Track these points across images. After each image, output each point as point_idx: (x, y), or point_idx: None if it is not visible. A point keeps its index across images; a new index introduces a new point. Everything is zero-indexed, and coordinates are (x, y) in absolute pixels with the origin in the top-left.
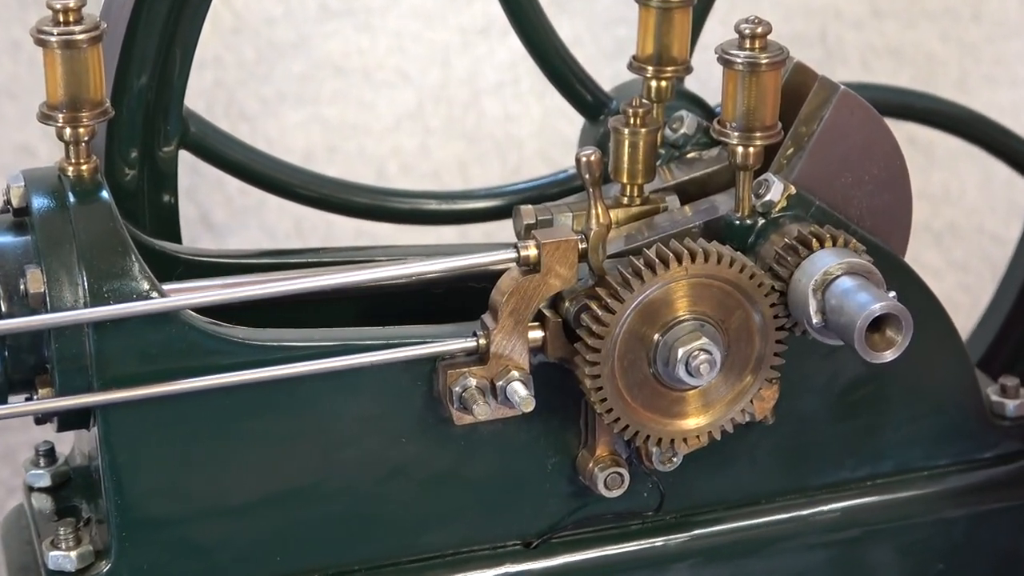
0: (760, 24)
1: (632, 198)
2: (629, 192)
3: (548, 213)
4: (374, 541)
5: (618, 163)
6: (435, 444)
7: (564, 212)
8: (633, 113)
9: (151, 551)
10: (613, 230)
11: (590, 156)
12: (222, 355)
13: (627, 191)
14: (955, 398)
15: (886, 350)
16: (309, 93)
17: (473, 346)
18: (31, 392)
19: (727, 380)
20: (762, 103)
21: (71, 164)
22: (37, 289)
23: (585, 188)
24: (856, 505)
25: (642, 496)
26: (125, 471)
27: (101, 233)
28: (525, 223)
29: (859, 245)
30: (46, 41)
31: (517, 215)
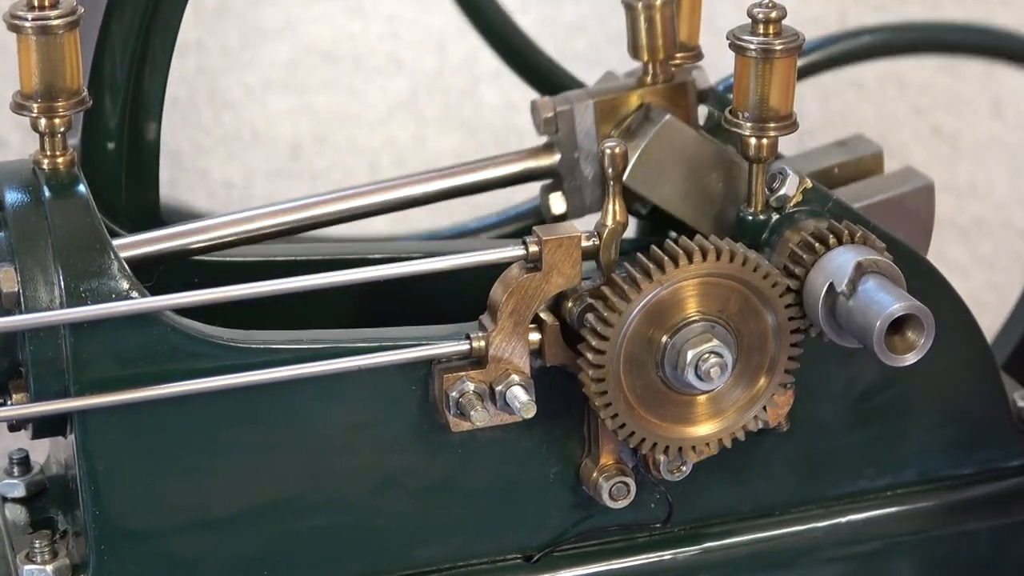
0: (774, 8)
1: (656, 77)
2: (652, 71)
3: (568, 103)
4: (366, 555)
5: (636, 41)
6: (430, 452)
7: (584, 101)
8: None
9: (131, 565)
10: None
11: (615, 149)
12: (206, 358)
13: (651, 70)
14: (980, 404)
15: (907, 353)
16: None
17: (471, 348)
18: (4, 397)
19: (739, 385)
20: (776, 92)
21: (46, 156)
22: (11, 288)
23: (606, 182)
24: (876, 516)
25: (649, 507)
26: (104, 481)
27: (78, 229)
28: (543, 117)
29: (879, 242)
30: (20, 27)
31: (535, 109)
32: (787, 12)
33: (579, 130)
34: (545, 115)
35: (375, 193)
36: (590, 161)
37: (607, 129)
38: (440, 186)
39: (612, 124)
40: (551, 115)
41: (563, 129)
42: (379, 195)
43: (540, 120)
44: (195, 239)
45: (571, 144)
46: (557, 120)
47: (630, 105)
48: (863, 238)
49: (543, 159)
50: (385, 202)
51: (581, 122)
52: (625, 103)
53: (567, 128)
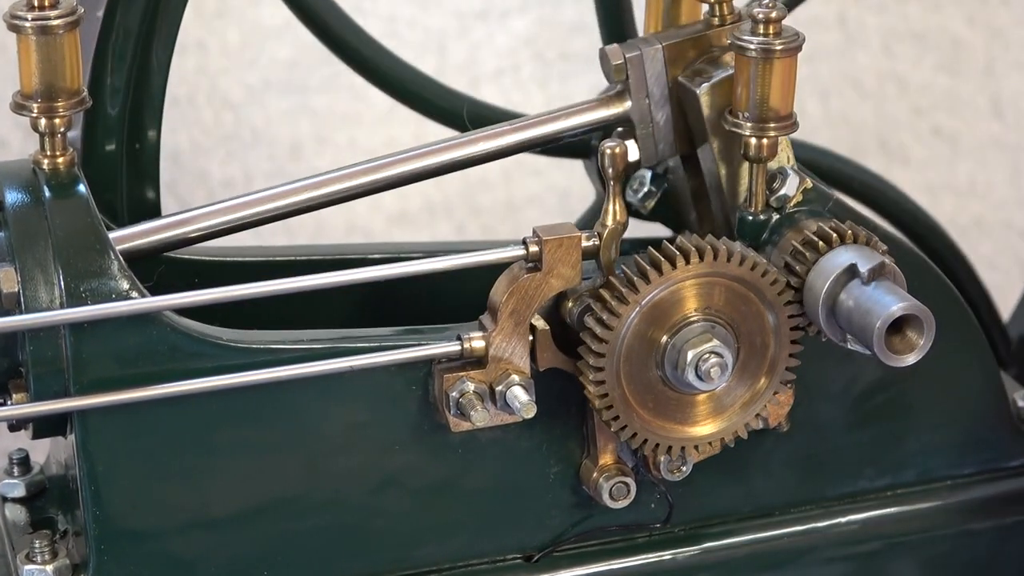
0: (774, 8)
1: (723, 17)
2: (719, 12)
3: (637, 49)
4: (366, 555)
5: None
6: (430, 452)
7: (654, 46)
8: None
9: (131, 565)
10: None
11: (615, 148)
12: (206, 358)
13: (716, 11)
14: (980, 404)
15: (907, 353)
16: (297, 80)
17: (471, 349)
18: (4, 397)
19: (739, 384)
20: (776, 91)
21: (46, 156)
22: (11, 289)
23: (606, 182)
24: (876, 517)
25: (649, 507)
26: (104, 480)
27: (78, 229)
28: (613, 64)
29: (880, 242)
30: (20, 27)
31: (604, 58)
32: (787, 12)
33: (649, 75)
34: (615, 62)
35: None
36: (662, 106)
37: (676, 72)
38: (514, 139)
39: (681, 67)
40: (621, 62)
41: (633, 76)
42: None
43: (610, 67)
44: (193, 227)
45: (642, 90)
46: (627, 66)
47: (698, 48)
48: (864, 238)
49: (615, 106)
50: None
51: (651, 67)
52: (693, 46)
53: (637, 74)
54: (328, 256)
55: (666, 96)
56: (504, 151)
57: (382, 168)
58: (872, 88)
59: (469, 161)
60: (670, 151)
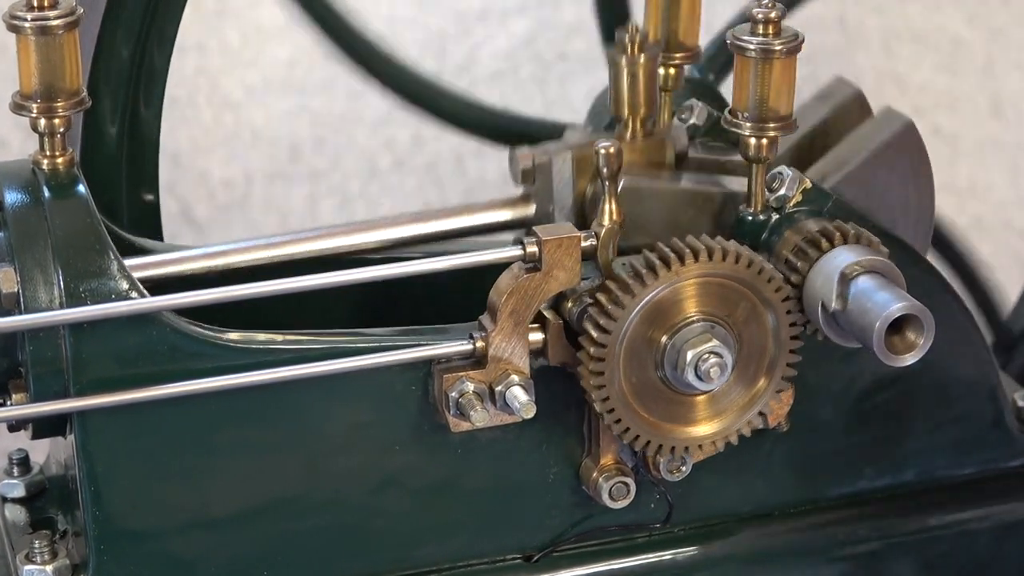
0: (774, 8)
1: (635, 133)
2: (632, 127)
3: (546, 155)
4: (366, 555)
5: (618, 96)
6: (430, 452)
7: (563, 153)
8: (630, 41)
9: (131, 565)
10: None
11: (609, 148)
12: (206, 358)
13: (630, 126)
14: (980, 404)
15: (907, 353)
16: (296, 81)
17: (471, 349)
18: (4, 397)
19: (739, 385)
20: (776, 92)
21: (46, 157)
22: (10, 289)
23: (601, 183)
24: (875, 516)
25: (649, 507)
26: (103, 481)
27: (78, 229)
28: (521, 167)
29: (879, 242)
30: (19, 27)
31: (513, 159)
32: (787, 12)
33: (556, 182)
34: (523, 166)
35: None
36: (565, 214)
37: (584, 183)
38: (411, 231)
39: (589, 178)
40: (529, 166)
41: (540, 181)
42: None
43: (517, 171)
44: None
45: (547, 197)
46: (536, 172)
47: None
48: (863, 238)
49: (519, 209)
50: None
51: (559, 174)
52: None
53: (544, 180)
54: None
55: (571, 207)
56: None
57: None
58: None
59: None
60: None
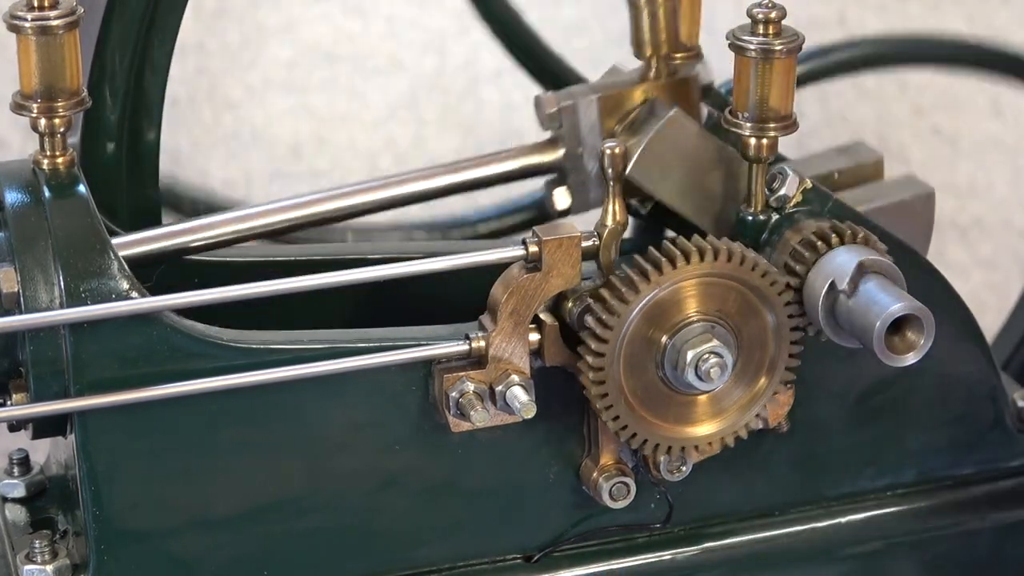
0: (774, 8)
1: (659, 72)
2: (656, 66)
3: (571, 99)
4: (366, 556)
5: (639, 36)
6: (430, 452)
7: (588, 96)
8: None
9: (131, 565)
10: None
11: (614, 149)
12: (206, 358)
13: (654, 65)
14: (980, 404)
15: (907, 353)
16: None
17: (471, 349)
18: (4, 397)
19: (739, 385)
20: (776, 91)
21: (46, 157)
22: (11, 289)
23: (606, 182)
24: (875, 516)
25: (649, 507)
26: (104, 481)
27: (78, 229)
28: (547, 112)
29: (879, 242)
30: (19, 27)
31: (539, 104)
32: (787, 12)
33: (583, 125)
34: (549, 110)
35: (374, 190)
36: (594, 156)
37: (611, 124)
38: (442, 182)
39: (616, 119)
40: (555, 110)
41: (567, 124)
42: (379, 192)
43: (544, 115)
44: (192, 238)
45: (575, 139)
46: (561, 115)
47: (634, 100)
48: (863, 238)
49: (547, 154)
50: (385, 199)
51: (585, 117)
52: (629, 98)
53: (571, 123)
54: (328, 256)
55: (598, 147)
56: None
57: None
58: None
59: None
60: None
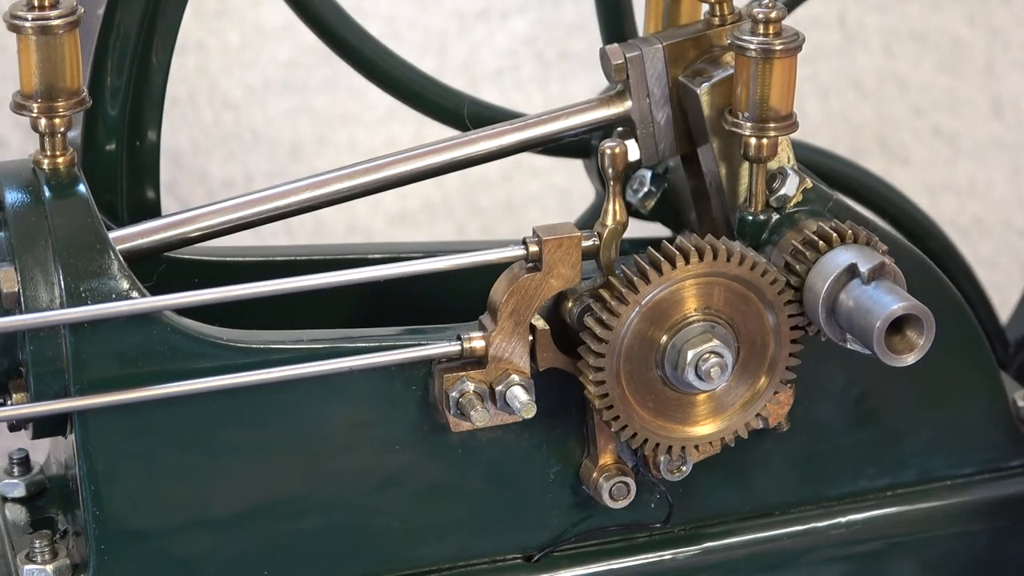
0: (774, 8)
1: (723, 16)
2: (720, 12)
3: (637, 49)
4: (366, 555)
5: None
6: (430, 452)
7: (654, 46)
8: None
9: (131, 565)
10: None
11: (615, 149)
12: (206, 358)
13: (717, 11)
14: (980, 404)
15: (907, 353)
16: (297, 81)
17: (471, 348)
18: (4, 397)
19: (739, 384)
20: (776, 91)
21: (46, 157)
22: (11, 288)
23: (606, 182)
24: (876, 516)
25: (649, 507)
26: (104, 480)
27: (78, 229)
28: (614, 63)
29: (879, 242)
30: (20, 27)
31: (604, 57)
32: (787, 12)
33: (649, 75)
34: (616, 62)
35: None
36: (662, 106)
37: (677, 71)
38: (515, 139)
39: (682, 67)
40: (621, 62)
41: (633, 75)
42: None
43: (611, 67)
44: (193, 227)
45: (642, 90)
46: (627, 66)
47: (699, 47)
48: (864, 238)
49: (615, 106)
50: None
51: (651, 67)
52: (694, 46)
53: (637, 74)
54: (328, 256)
55: (667, 96)
56: (505, 151)
57: (382, 168)
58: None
59: (469, 161)
60: (671, 151)
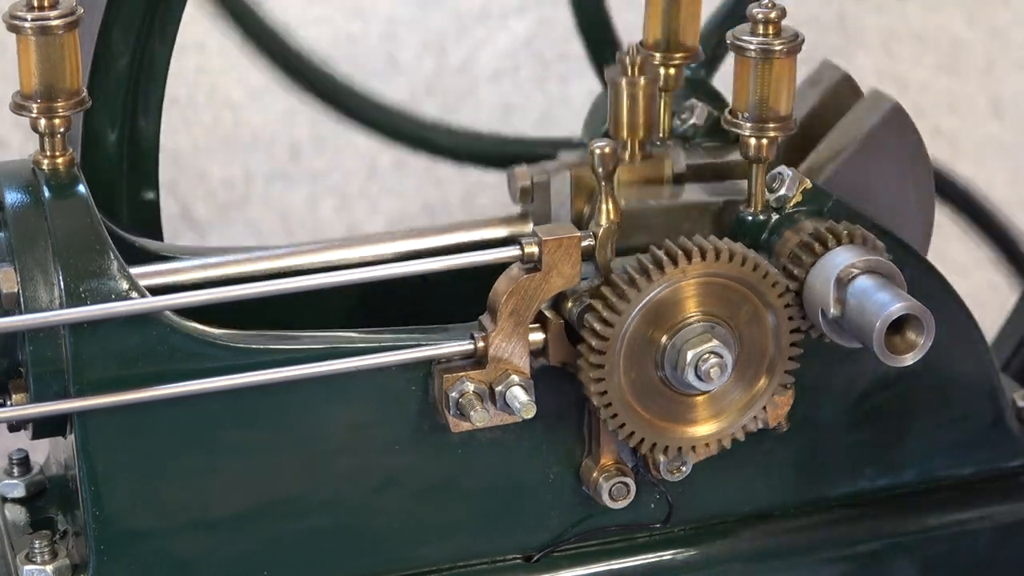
0: (774, 8)
1: (633, 154)
2: (631, 147)
3: (545, 175)
4: (366, 555)
5: (617, 117)
6: (430, 453)
7: (562, 172)
8: (630, 63)
9: (131, 565)
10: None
11: (604, 148)
12: (205, 359)
13: (629, 147)
14: (980, 404)
15: (907, 353)
16: None
17: (471, 349)
18: (4, 397)
19: (739, 385)
20: (776, 92)
21: (46, 157)
22: (10, 289)
23: (597, 182)
24: (876, 517)
25: (649, 507)
26: (104, 481)
27: (78, 229)
28: (520, 186)
29: (879, 242)
30: (19, 27)
31: (512, 178)
32: (787, 12)
33: (555, 201)
34: (522, 184)
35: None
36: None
37: (581, 203)
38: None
39: (586, 198)
40: (528, 185)
41: (539, 199)
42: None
43: (516, 189)
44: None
45: (546, 215)
46: (534, 190)
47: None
48: (863, 238)
49: (517, 227)
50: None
51: (557, 193)
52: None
53: (543, 198)
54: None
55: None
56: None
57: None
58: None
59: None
60: None
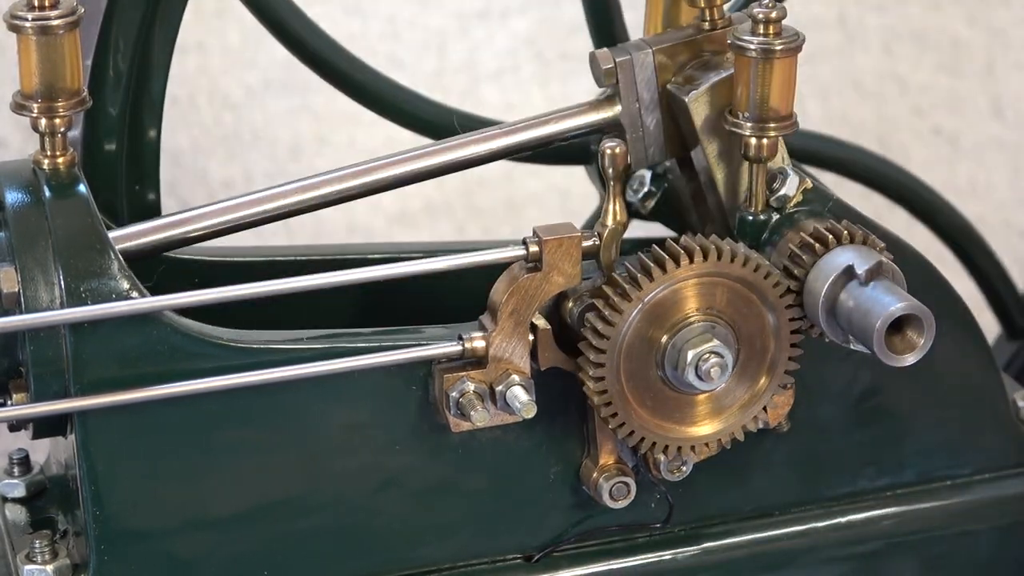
0: (775, 8)
1: (713, 22)
2: (709, 16)
3: (627, 53)
4: (366, 555)
5: None
6: (430, 452)
7: (644, 50)
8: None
9: (131, 565)
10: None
11: (615, 148)
12: (206, 358)
13: (707, 16)
14: (980, 404)
15: (907, 353)
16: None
17: (471, 349)
18: (4, 397)
19: (739, 385)
20: (776, 91)
21: (46, 157)
22: (11, 289)
23: (606, 182)
24: (876, 517)
25: (649, 507)
26: (104, 481)
27: (78, 229)
28: (603, 68)
29: (879, 242)
30: (20, 27)
31: (594, 61)
32: (787, 12)
33: (639, 80)
34: (605, 66)
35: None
36: (652, 111)
37: (666, 76)
38: (502, 143)
39: (671, 72)
40: (611, 66)
41: (623, 80)
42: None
43: (600, 71)
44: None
45: (631, 95)
46: (617, 70)
47: (689, 52)
48: (863, 238)
49: (604, 111)
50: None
51: (641, 72)
52: (684, 50)
53: (627, 79)
54: (328, 256)
55: (656, 101)
56: (493, 155)
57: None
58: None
59: (457, 165)
60: (660, 155)
